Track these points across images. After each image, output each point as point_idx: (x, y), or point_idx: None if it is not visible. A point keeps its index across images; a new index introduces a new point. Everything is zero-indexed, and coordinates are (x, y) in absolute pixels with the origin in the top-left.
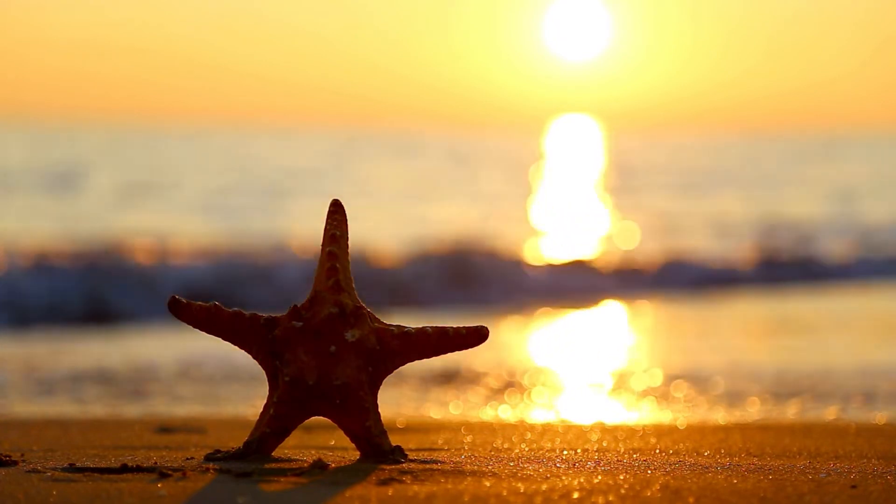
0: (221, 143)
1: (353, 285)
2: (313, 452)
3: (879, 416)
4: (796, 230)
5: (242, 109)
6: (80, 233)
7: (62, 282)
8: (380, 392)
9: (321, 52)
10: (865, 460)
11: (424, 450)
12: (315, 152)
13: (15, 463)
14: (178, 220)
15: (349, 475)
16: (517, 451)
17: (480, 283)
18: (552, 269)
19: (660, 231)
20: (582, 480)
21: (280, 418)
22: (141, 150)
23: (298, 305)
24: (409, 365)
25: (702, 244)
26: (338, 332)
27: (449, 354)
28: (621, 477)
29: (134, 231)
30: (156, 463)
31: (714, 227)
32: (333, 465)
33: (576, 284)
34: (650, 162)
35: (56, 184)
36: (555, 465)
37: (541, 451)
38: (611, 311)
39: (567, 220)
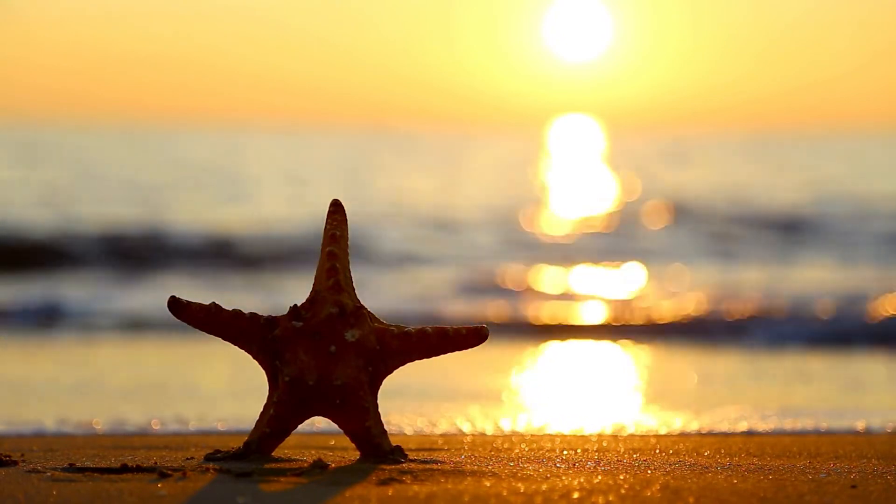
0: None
1: (353, 285)
2: (313, 452)
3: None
4: None
5: (245, 110)
6: None
7: None
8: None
9: (323, 53)
10: (865, 460)
11: (424, 450)
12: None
13: (15, 463)
14: None
15: (349, 475)
16: (517, 451)
17: None
18: None
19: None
20: (582, 480)
21: (280, 418)
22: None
23: (298, 305)
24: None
25: None
26: (338, 332)
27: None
28: (621, 477)
29: None
30: (156, 463)
31: None
32: (333, 465)
33: None
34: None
35: None
36: (555, 465)
37: (541, 451)
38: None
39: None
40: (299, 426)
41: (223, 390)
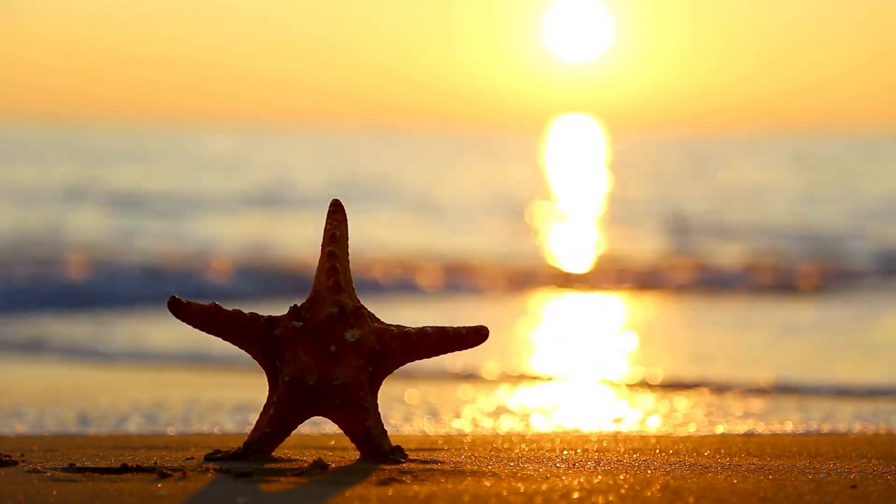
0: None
1: (353, 285)
2: (313, 452)
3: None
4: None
5: (245, 110)
6: None
7: None
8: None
9: (323, 53)
10: (865, 460)
11: (424, 450)
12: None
13: (15, 463)
14: None
15: (349, 475)
16: (517, 451)
17: None
18: None
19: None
20: (582, 480)
21: (280, 418)
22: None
23: (298, 305)
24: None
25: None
26: (338, 332)
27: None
28: (621, 477)
29: None
30: (156, 463)
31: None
32: (333, 465)
33: None
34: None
35: None
36: (555, 465)
37: (541, 451)
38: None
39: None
40: (299, 426)
41: (224, 391)
